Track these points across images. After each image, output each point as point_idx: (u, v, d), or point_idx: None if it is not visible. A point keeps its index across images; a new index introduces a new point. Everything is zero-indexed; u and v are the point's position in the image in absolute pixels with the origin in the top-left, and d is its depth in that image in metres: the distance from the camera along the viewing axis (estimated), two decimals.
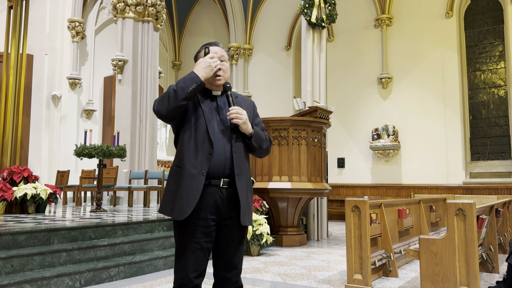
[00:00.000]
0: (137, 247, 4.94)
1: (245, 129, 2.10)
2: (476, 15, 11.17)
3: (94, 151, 6.49)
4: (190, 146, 2.06)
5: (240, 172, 2.10)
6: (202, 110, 2.10)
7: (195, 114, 2.09)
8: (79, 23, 11.10)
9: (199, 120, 2.08)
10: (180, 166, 2.07)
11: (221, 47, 2.23)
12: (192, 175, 2.02)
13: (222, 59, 2.17)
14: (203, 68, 2.06)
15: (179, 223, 2.07)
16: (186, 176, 2.03)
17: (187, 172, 2.03)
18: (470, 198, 6.09)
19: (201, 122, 2.08)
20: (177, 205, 2.03)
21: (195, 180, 2.02)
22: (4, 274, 3.66)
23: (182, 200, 2.02)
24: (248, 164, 2.20)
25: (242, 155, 2.14)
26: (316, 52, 8.16)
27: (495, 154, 10.65)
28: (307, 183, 6.72)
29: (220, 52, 2.17)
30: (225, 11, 14.10)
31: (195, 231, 2.04)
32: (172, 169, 2.13)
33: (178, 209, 2.02)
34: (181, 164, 2.06)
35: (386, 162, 11.49)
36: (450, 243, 3.41)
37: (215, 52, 2.15)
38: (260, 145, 2.18)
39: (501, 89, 10.79)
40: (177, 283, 2.06)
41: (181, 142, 2.10)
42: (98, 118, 11.80)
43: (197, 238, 2.04)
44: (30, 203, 6.32)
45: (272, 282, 4.32)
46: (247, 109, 2.20)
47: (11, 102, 6.89)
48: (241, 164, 2.12)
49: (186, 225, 2.05)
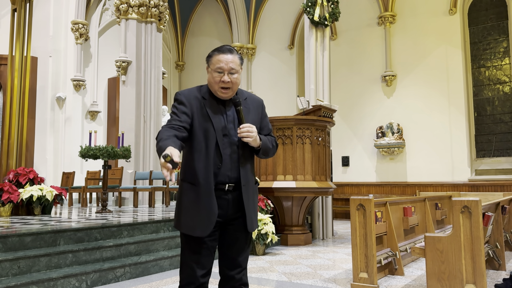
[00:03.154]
0: (143, 247, 4.96)
1: (253, 144, 2.09)
2: (480, 11, 11.11)
3: (99, 152, 6.52)
4: (202, 161, 2.04)
5: (246, 182, 2.12)
6: (212, 123, 2.06)
7: (204, 126, 2.06)
8: (83, 25, 11.14)
9: (209, 133, 2.06)
10: (195, 184, 2.04)
11: (235, 54, 2.11)
12: (208, 192, 2.02)
13: (232, 71, 2.08)
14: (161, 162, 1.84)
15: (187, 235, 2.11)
16: (203, 193, 2.03)
17: (203, 190, 2.02)
18: (475, 195, 6.07)
19: (211, 136, 2.05)
20: (199, 224, 2.03)
21: (211, 196, 2.03)
22: (11, 275, 3.69)
23: (204, 219, 2.03)
24: (253, 169, 2.22)
25: (248, 165, 2.15)
26: (319, 50, 8.14)
27: (500, 151, 10.59)
28: (311, 182, 6.71)
29: (231, 64, 2.07)
30: (228, 11, 14.10)
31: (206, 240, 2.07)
32: (185, 186, 2.09)
33: (202, 228, 2.02)
34: (195, 181, 2.04)
35: (391, 160, 11.46)
36: (456, 240, 3.40)
37: (226, 63, 2.07)
38: (266, 154, 2.19)
39: (506, 85, 10.73)
40: (183, 281, 2.07)
41: (191, 157, 2.07)
42: (102, 119, 11.84)
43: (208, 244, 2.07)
44: (36, 204, 6.36)
45: (277, 281, 4.32)
46: (255, 110, 2.20)
47: (16, 104, 6.92)
48: (247, 174, 2.13)
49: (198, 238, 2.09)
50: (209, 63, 2.13)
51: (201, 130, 2.06)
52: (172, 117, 2.08)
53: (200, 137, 2.05)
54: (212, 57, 2.13)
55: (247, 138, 2.04)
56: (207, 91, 2.15)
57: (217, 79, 2.08)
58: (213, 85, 2.11)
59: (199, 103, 2.10)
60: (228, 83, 2.07)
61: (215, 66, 2.09)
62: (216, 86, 2.09)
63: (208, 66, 2.15)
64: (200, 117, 2.07)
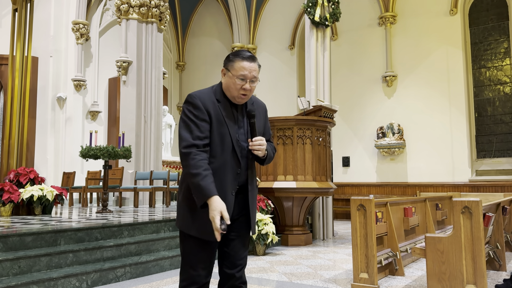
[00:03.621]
0: (143, 247, 4.96)
1: (260, 155, 2.11)
2: (480, 12, 11.10)
3: (99, 152, 6.52)
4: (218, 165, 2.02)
5: (252, 187, 2.16)
6: (228, 129, 2.05)
7: (220, 132, 2.04)
8: (83, 25, 11.15)
9: (225, 139, 2.04)
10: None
11: (256, 62, 2.10)
12: (224, 198, 2.00)
13: (253, 80, 2.07)
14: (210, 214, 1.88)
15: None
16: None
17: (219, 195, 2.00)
18: (476, 196, 6.07)
19: (227, 141, 2.04)
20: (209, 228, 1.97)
21: (228, 203, 2.02)
22: (12, 275, 3.69)
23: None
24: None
25: (254, 169, 2.20)
26: (320, 51, 8.15)
27: (501, 151, 10.58)
28: (312, 182, 6.71)
29: (254, 73, 2.06)
30: (229, 11, 14.10)
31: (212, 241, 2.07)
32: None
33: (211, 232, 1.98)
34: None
35: (392, 160, 11.45)
36: (457, 241, 3.40)
37: (250, 72, 2.05)
38: (268, 163, 2.23)
39: (507, 86, 10.73)
40: (186, 281, 2.06)
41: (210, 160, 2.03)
42: (103, 119, 11.85)
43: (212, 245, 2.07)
44: (37, 204, 6.36)
45: (278, 282, 4.32)
46: (260, 116, 2.21)
47: (17, 104, 6.92)
48: (253, 178, 2.19)
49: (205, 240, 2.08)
50: (230, 67, 2.07)
51: (218, 136, 2.03)
52: (190, 125, 1.99)
53: (217, 142, 2.03)
54: (234, 62, 2.06)
55: (258, 152, 2.06)
56: (221, 94, 2.11)
57: (238, 86, 2.05)
58: (232, 90, 2.07)
59: (215, 107, 2.05)
60: (248, 90, 2.07)
61: (239, 73, 2.04)
62: (236, 92, 2.06)
63: (227, 70, 2.08)
64: (216, 122, 2.04)
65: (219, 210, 1.86)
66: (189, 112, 2.02)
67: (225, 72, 2.10)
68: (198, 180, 1.90)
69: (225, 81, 2.09)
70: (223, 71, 2.11)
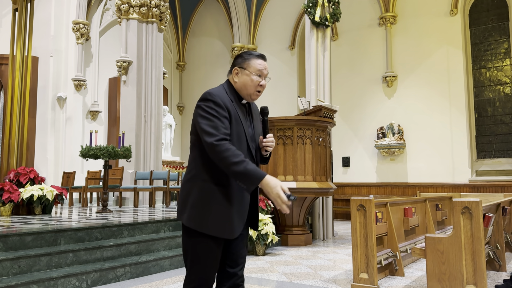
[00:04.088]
0: (143, 247, 4.96)
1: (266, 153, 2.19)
2: (481, 12, 11.10)
3: (99, 152, 6.52)
4: None
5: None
6: (243, 127, 2.07)
7: (237, 130, 2.05)
8: (84, 24, 11.15)
9: (241, 137, 2.06)
10: (224, 185, 2.01)
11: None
12: (241, 194, 2.02)
13: (267, 77, 2.15)
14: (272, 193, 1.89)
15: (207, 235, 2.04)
16: (235, 195, 2.02)
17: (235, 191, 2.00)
18: (476, 196, 6.07)
19: (243, 140, 2.07)
20: (231, 226, 1.99)
21: (245, 200, 2.05)
22: (12, 274, 3.69)
23: (233, 221, 2.01)
24: None
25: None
26: (320, 51, 8.15)
27: (501, 152, 10.58)
28: (312, 183, 6.71)
29: (267, 71, 2.14)
30: (229, 11, 14.11)
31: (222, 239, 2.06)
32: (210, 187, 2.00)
33: (230, 230, 1.99)
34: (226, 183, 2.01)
35: (392, 160, 11.45)
36: (457, 241, 3.39)
37: (265, 68, 2.12)
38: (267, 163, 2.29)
39: (507, 86, 10.73)
40: (194, 283, 2.03)
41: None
42: (103, 119, 11.85)
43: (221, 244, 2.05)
44: (37, 204, 6.36)
45: (278, 282, 4.32)
46: (257, 115, 2.26)
47: (17, 104, 6.92)
48: None
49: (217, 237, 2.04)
50: (246, 66, 2.10)
51: (235, 134, 2.04)
52: (214, 120, 1.97)
53: (235, 140, 2.03)
54: (250, 60, 2.11)
55: (270, 148, 2.14)
56: (233, 93, 2.12)
57: (256, 83, 2.09)
58: (249, 88, 2.10)
59: (232, 106, 2.07)
60: (263, 87, 2.13)
61: (257, 69, 2.09)
62: (253, 89, 2.10)
63: (242, 68, 2.10)
64: (233, 120, 2.05)
65: (279, 185, 1.89)
66: (210, 109, 2.00)
67: (238, 71, 2.11)
68: (244, 166, 1.89)
69: (241, 79, 2.11)
70: (236, 70, 2.12)
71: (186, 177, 2.08)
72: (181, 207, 2.06)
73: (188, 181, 2.06)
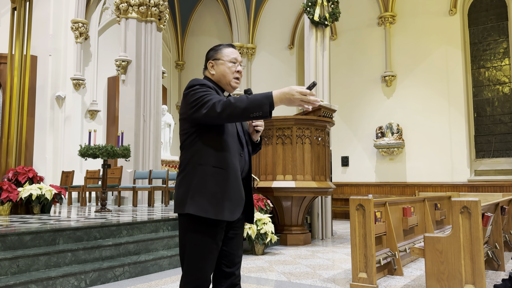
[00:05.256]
0: (142, 246, 4.96)
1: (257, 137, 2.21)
2: (480, 12, 11.11)
3: (98, 151, 6.52)
4: (227, 147, 2.02)
5: (250, 179, 2.20)
6: None
7: None
8: (83, 24, 11.13)
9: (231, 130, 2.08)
10: (223, 168, 1.99)
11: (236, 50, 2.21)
12: (237, 177, 2.04)
13: (241, 64, 2.17)
14: (293, 96, 1.83)
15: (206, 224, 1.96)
16: (233, 178, 2.02)
17: (233, 173, 2.01)
18: (475, 196, 6.07)
19: (233, 132, 2.09)
20: (227, 207, 1.97)
21: (239, 181, 2.06)
22: (10, 274, 3.68)
23: (232, 201, 2.00)
24: None
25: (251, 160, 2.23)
26: (319, 50, 8.14)
27: (500, 151, 10.59)
28: (311, 182, 6.71)
29: (240, 58, 2.17)
30: (228, 11, 14.10)
31: (220, 232, 2.03)
32: (209, 170, 1.98)
33: (230, 210, 1.98)
34: (224, 165, 1.99)
35: (391, 160, 11.46)
36: (455, 241, 3.40)
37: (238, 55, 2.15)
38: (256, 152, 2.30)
39: (506, 86, 10.74)
40: (192, 284, 2.00)
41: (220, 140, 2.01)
42: (102, 118, 11.84)
43: (219, 239, 2.03)
44: (35, 203, 6.35)
45: (277, 281, 4.32)
46: None
47: (16, 103, 6.91)
48: (251, 171, 2.22)
49: (216, 226, 1.98)
50: (219, 55, 2.13)
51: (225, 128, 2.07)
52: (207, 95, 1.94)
53: (225, 134, 2.04)
54: (221, 50, 2.14)
55: (261, 127, 2.16)
56: (216, 86, 2.12)
57: (233, 69, 2.12)
58: (227, 75, 2.12)
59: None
60: (240, 73, 2.15)
61: (230, 56, 2.13)
62: (231, 76, 2.12)
63: (216, 59, 2.12)
64: None
65: (291, 88, 1.83)
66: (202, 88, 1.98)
67: (213, 63, 2.14)
68: (246, 97, 1.85)
69: (218, 70, 2.13)
70: (210, 63, 2.15)
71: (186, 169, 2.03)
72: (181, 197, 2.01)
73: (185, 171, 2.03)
